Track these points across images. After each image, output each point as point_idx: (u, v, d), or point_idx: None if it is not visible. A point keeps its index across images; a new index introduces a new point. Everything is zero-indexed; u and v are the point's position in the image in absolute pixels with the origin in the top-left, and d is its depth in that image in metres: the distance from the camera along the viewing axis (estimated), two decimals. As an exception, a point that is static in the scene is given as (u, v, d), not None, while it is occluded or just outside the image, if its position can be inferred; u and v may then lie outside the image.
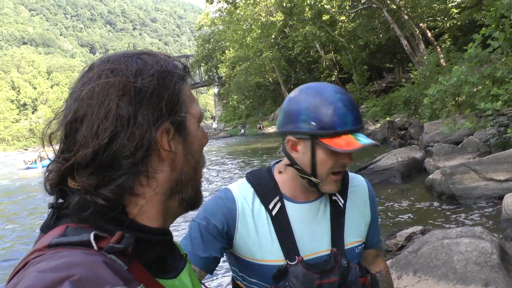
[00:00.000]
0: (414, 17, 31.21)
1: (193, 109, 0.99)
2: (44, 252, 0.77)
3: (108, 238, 0.81)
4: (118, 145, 0.84)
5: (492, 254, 4.56)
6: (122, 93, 0.86)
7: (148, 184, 0.90)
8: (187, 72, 1.02)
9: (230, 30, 57.56)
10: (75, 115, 0.87)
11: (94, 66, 0.93)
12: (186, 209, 1.02)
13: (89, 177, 0.85)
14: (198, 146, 1.01)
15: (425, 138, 16.09)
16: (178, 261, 1.02)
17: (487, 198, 8.52)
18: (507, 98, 8.33)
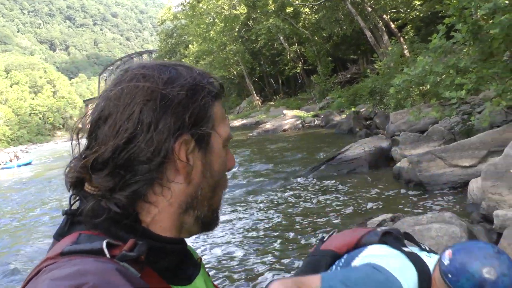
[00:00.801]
0: (377, 9, 31.44)
1: (221, 129, 0.99)
2: (56, 260, 0.78)
3: (121, 246, 0.81)
4: (135, 148, 0.85)
5: (461, 237, 4.74)
6: (148, 99, 0.87)
7: (162, 193, 0.90)
8: (222, 91, 1.02)
9: (193, 24, 56.85)
10: (100, 113, 0.90)
11: (129, 69, 0.96)
12: (201, 228, 1.00)
13: (105, 179, 0.86)
14: (219, 166, 0.99)
15: (391, 127, 16.34)
16: (193, 267, 1.02)
17: (453, 184, 8.74)
18: (471, 87, 8.54)
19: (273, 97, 57.29)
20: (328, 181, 11.72)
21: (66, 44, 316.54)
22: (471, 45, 9.07)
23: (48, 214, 14.64)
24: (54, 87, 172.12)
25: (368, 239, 1.29)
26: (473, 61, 8.89)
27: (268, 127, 32.53)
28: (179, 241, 0.97)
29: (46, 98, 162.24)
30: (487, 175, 6.39)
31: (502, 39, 8.21)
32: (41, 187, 22.09)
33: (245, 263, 7.05)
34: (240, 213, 9.92)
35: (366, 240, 1.34)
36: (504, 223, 5.15)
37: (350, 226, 7.39)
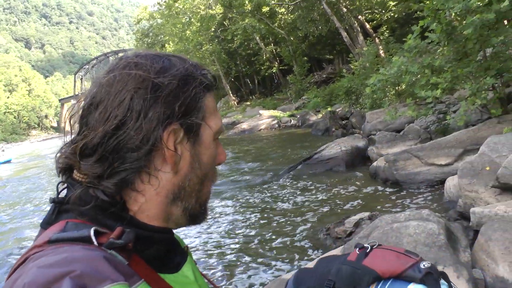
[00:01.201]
0: (352, 9, 31.72)
1: (212, 121, 0.99)
2: (44, 248, 0.77)
3: (108, 233, 0.81)
4: (124, 135, 0.85)
5: (439, 234, 4.77)
6: (139, 87, 0.87)
7: (150, 182, 0.90)
8: (215, 84, 1.02)
9: (169, 23, 56.70)
10: (92, 99, 0.89)
11: (123, 57, 0.95)
12: (189, 221, 1.00)
13: (93, 165, 0.87)
14: (209, 159, 0.99)
15: (367, 127, 16.44)
16: (180, 256, 1.03)
17: (430, 182, 8.82)
18: (446, 86, 8.62)
19: (249, 97, 57.43)
20: (305, 180, 11.75)
21: (41, 42, 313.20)
22: (446, 45, 9.16)
23: (32, 208, 14.73)
24: (30, 86, 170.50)
25: (412, 274, 1.28)
26: (448, 61, 8.98)
27: (244, 127, 32.56)
28: (166, 230, 0.97)
29: (21, 96, 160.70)
30: (463, 173, 6.46)
31: (476, 39, 8.31)
32: (23, 184, 22.14)
33: (222, 261, 7.05)
34: (216, 213, 9.89)
35: (409, 274, 1.33)
36: (480, 220, 5.20)
37: (327, 225, 7.43)
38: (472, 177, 6.27)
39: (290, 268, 6.31)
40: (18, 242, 10.43)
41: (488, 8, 7.88)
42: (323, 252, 6.53)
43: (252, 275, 6.38)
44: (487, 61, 8.69)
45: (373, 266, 1.33)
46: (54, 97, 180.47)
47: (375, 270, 1.33)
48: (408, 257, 1.30)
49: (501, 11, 7.54)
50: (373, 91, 13.23)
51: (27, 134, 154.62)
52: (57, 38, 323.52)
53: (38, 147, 65.67)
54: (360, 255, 1.38)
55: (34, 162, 36.32)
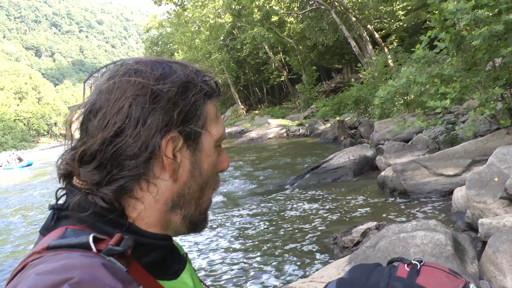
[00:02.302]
0: (361, 19, 31.72)
1: (213, 129, 0.98)
2: (42, 254, 0.78)
3: (107, 240, 0.82)
4: (122, 142, 0.85)
5: (446, 245, 4.75)
6: (138, 94, 0.87)
7: (148, 189, 0.90)
8: (217, 91, 1.02)
9: (178, 32, 57.02)
10: (92, 106, 0.90)
11: (124, 63, 0.96)
12: (189, 229, 1.00)
13: (92, 172, 0.87)
14: (209, 166, 0.99)
15: (376, 136, 16.41)
16: (179, 262, 1.03)
17: (438, 193, 8.78)
18: (455, 96, 8.60)
19: (257, 106, 57.52)
20: (312, 189, 11.73)
21: (51, 50, 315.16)
22: (454, 55, 9.14)
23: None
24: (39, 94, 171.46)
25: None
26: (457, 71, 8.97)
27: (253, 136, 32.53)
28: (165, 237, 0.97)
29: (31, 104, 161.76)
30: (472, 184, 6.43)
31: (485, 50, 8.30)
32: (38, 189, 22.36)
33: (229, 268, 7.04)
34: (225, 221, 9.88)
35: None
36: (488, 231, 5.17)
37: (334, 234, 7.41)
38: (480, 188, 6.25)
39: (297, 276, 6.29)
40: (25, 246, 10.46)
41: (497, 19, 7.86)
42: (330, 261, 6.50)
43: (258, 283, 6.37)
44: (496, 71, 8.67)
45: (428, 286, 1.32)
46: (64, 105, 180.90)
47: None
48: (456, 277, 1.29)
49: (510, 21, 7.53)
50: (382, 102, 13.24)
51: (36, 141, 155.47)
52: (67, 47, 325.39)
53: (49, 155, 66.44)
54: (412, 273, 1.36)
55: (48, 168, 36.80)
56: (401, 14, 29.96)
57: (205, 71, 1.01)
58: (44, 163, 46.17)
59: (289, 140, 29.22)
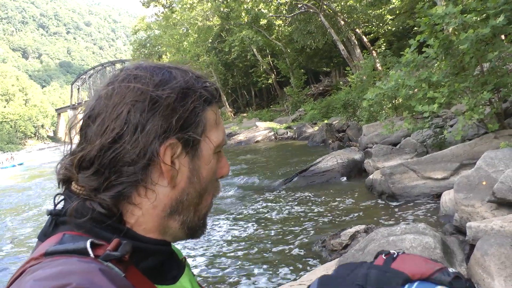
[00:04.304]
0: (350, 22, 31.87)
1: (213, 135, 0.97)
2: (40, 260, 0.77)
3: (105, 245, 0.81)
4: (121, 148, 0.85)
5: (435, 248, 4.77)
6: (137, 100, 0.87)
7: (146, 196, 0.89)
8: (217, 97, 1.01)
9: (166, 34, 56.81)
10: (91, 112, 0.90)
11: (124, 68, 0.96)
12: (187, 234, 0.99)
13: (90, 178, 0.87)
14: (208, 173, 0.98)
15: (364, 139, 16.45)
16: (177, 267, 1.02)
17: (426, 196, 8.82)
18: (443, 100, 8.65)
19: (246, 109, 57.53)
20: (301, 192, 11.74)
21: (39, 52, 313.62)
22: (443, 59, 9.20)
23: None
24: (26, 95, 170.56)
25: (441, 277, 1.29)
26: (445, 75, 9.02)
27: (240, 139, 32.57)
28: (163, 242, 0.96)
29: (18, 106, 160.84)
30: (460, 187, 6.47)
31: (473, 54, 8.36)
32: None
33: (219, 272, 7.05)
34: (213, 225, 9.86)
35: (438, 277, 1.35)
36: (477, 234, 5.20)
37: (323, 237, 7.43)
38: (469, 191, 6.28)
39: (286, 279, 6.29)
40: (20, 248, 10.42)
41: (484, 23, 7.93)
42: (319, 264, 6.52)
43: (247, 286, 6.37)
44: (484, 76, 8.73)
45: (403, 269, 1.33)
46: (51, 106, 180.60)
47: (405, 272, 1.33)
48: (436, 262, 1.31)
49: (497, 26, 7.59)
50: (370, 104, 13.28)
51: (23, 143, 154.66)
52: (54, 48, 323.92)
53: (36, 156, 67.82)
54: (388, 259, 1.38)
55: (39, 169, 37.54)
56: (389, 19, 30.11)
57: (206, 77, 1.00)
58: (33, 164, 48.18)
59: (277, 143, 29.26)
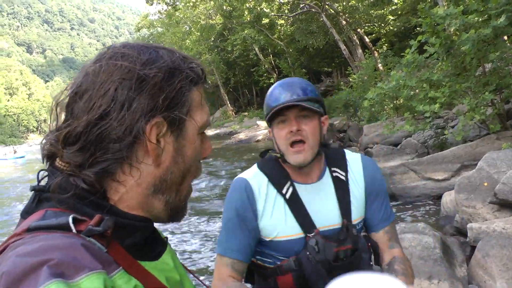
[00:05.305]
0: (352, 22, 31.82)
1: (198, 115, 0.98)
2: (22, 236, 0.78)
3: (87, 221, 0.82)
4: (107, 125, 0.85)
5: (435, 248, 4.73)
6: (124, 77, 0.87)
7: (131, 173, 0.90)
8: (202, 78, 1.02)
9: (169, 32, 56.99)
10: (78, 88, 0.89)
11: (111, 47, 0.95)
12: (169, 215, 1.00)
13: (75, 154, 0.87)
14: (192, 152, 0.99)
15: (365, 140, 16.43)
16: (160, 245, 1.03)
17: (426, 197, 8.80)
18: (444, 100, 8.62)
19: (247, 108, 57.47)
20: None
21: (43, 47, 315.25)
22: (444, 59, 9.16)
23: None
24: (30, 90, 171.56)
25: None
26: (446, 75, 8.99)
27: (241, 137, 32.53)
28: (146, 219, 0.96)
29: (21, 100, 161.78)
30: (461, 188, 6.43)
31: (474, 55, 8.32)
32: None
33: (202, 255, 7.14)
34: (210, 223, 9.83)
35: None
36: (478, 236, 5.17)
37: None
38: (470, 192, 6.25)
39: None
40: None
41: (486, 24, 7.89)
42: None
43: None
44: (486, 76, 8.69)
45: None
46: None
47: None
48: None
49: (498, 26, 7.55)
50: (371, 104, 13.25)
51: (25, 137, 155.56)
52: (58, 44, 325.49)
53: (38, 151, 70.33)
54: None
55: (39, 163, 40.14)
56: (391, 19, 30.07)
57: (192, 58, 1.01)
58: (34, 158, 49.36)
59: (278, 142, 29.19)
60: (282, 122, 1.91)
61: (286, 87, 1.93)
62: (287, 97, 1.88)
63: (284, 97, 1.88)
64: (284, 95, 1.89)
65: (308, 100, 1.88)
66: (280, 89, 1.93)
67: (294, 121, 1.87)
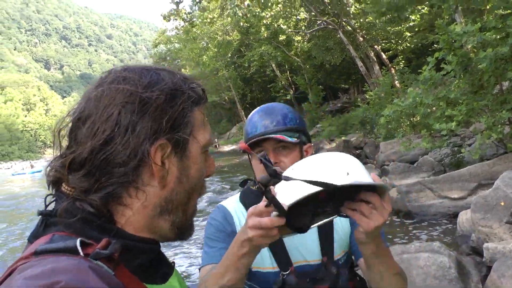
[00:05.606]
0: (368, 39, 31.82)
1: (200, 134, 0.99)
2: (30, 259, 0.77)
3: (95, 245, 0.81)
4: (112, 150, 0.86)
5: (450, 268, 4.70)
6: (126, 101, 0.88)
7: (137, 196, 0.91)
8: (204, 98, 1.02)
9: (186, 48, 57.26)
10: (80, 114, 0.91)
11: (112, 71, 0.96)
12: (176, 234, 1.00)
13: (81, 179, 0.87)
14: (196, 172, 0.99)
15: (381, 157, 16.35)
16: (167, 268, 1.02)
17: (443, 215, 8.72)
18: (461, 118, 8.56)
19: (263, 124, 57.42)
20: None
21: (60, 63, 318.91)
22: (461, 77, 9.11)
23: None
24: (47, 105, 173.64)
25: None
26: (463, 93, 8.93)
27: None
28: (153, 241, 0.97)
29: (39, 115, 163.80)
30: (477, 208, 6.37)
31: (492, 73, 8.27)
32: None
33: None
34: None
35: None
36: (494, 256, 5.11)
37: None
38: (486, 212, 6.18)
39: None
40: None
41: (504, 41, 7.84)
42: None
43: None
44: (503, 94, 8.63)
45: None
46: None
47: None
48: None
49: (517, 44, 7.50)
50: (387, 121, 13.20)
51: (42, 152, 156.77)
52: (76, 60, 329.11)
53: None
54: None
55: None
56: (408, 36, 30.01)
57: (192, 79, 1.02)
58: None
59: (295, 158, 29.17)
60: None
61: (265, 114, 1.89)
62: (265, 125, 1.85)
63: (262, 125, 1.85)
64: (263, 123, 1.86)
65: (287, 131, 1.84)
66: (260, 115, 1.90)
67: (272, 153, 1.83)
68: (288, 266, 1.79)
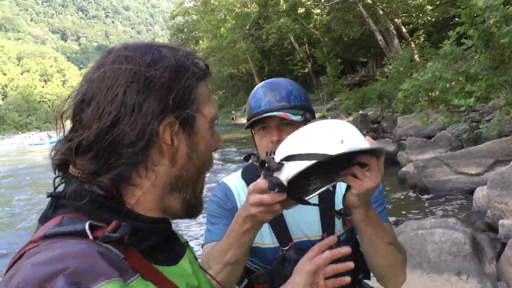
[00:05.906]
0: (389, 12, 31.39)
1: (206, 110, 0.98)
2: (39, 243, 0.78)
3: (104, 227, 0.81)
4: (119, 131, 0.85)
5: (464, 244, 4.70)
6: (131, 81, 0.87)
7: (147, 176, 0.90)
8: (207, 72, 1.01)
9: (204, 20, 56.84)
10: (84, 96, 0.89)
11: (112, 50, 0.95)
12: (186, 212, 1.00)
13: (89, 162, 0.87)
14: (205, 147, 0.99)
15: (398, 131, 16.24)
16: (178, 249, 1.02)
17: (459, 191, 8.71)
18: (480, 94, 8.49)
19: (281, 97, 57.23)
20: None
21: (77, 35, 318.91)
22: (482, 52, 9.00)
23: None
24: (64, 77, 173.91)
25: None
26: (484, 69, 8.83)
27: (274, 127, 32.41)
28: (163, 220, 0.97)
29: (56, 86, 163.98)
30: (494, 184, 6.34)
31: (514, 48, 8.16)
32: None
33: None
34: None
35: None
36: (509, 232, 5.12)
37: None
38: (502, 188, 6.16)
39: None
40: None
41: (527, 16, 7.73)
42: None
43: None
44: (524, 70, 8.53)
45: None
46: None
47: None
48: None
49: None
50: (405, 96, 13.11)
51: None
52: (93, 31, 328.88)
53: None
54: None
55: None
56: (429, 9, 29.54)
57: (194, 54, 1.00)
58: None
59: (311, 132, 29.06)
60: (263, 129, 1.87)
61: (270, 89, 1.88)
62: (269, 102, 1.83)
63: (266, 101, 1.84)
64: (267, 99, 1.85)
65: (292, 108, 1.82)
66: (264, 91, 1.89)
67: (275, 130, 1.82)
68: (288, 242, 1.79)
